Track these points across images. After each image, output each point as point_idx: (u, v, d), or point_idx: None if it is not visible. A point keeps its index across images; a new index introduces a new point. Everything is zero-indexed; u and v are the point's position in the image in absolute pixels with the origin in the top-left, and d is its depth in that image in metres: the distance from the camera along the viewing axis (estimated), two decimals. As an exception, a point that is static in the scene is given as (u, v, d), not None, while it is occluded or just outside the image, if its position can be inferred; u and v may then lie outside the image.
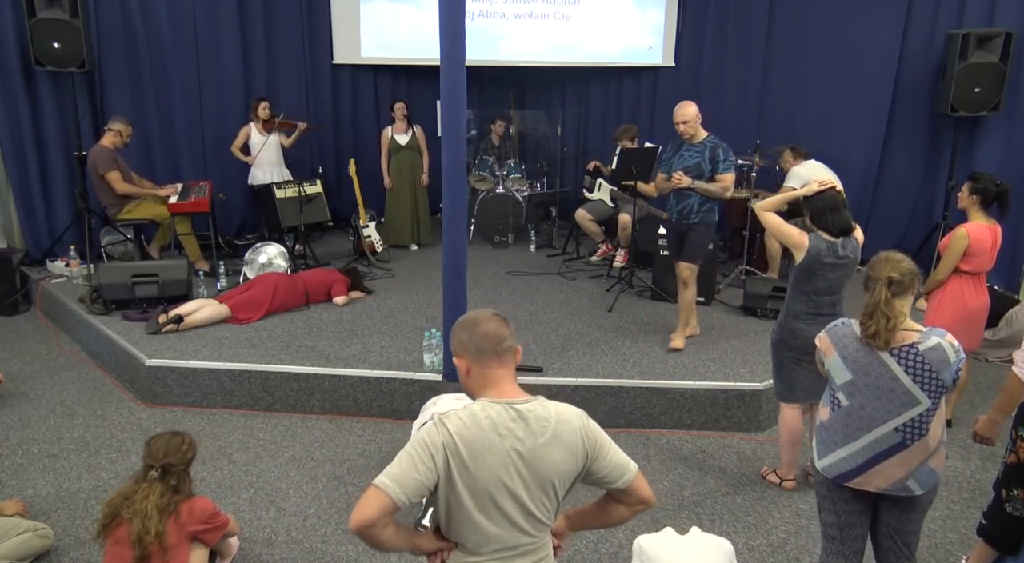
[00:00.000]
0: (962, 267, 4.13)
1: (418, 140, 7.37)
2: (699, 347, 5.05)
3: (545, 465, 1.83)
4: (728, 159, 4.73)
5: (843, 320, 2.62)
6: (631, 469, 1.94)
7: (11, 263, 6.24)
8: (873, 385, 2.48)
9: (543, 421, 1.84)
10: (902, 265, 2.48)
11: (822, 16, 7.14)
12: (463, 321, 1.93)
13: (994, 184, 4.04)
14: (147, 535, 2.72)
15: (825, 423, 2.64)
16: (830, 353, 2.58)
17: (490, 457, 1.78)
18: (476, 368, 1.89)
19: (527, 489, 1.82)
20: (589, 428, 1.91)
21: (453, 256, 4.19)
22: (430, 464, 1.75)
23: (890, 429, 2.49)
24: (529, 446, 1.81)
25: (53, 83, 6.45)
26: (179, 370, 4.64)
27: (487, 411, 1.82)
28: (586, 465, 1.89)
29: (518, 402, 1.86)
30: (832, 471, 2.60)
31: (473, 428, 1.79)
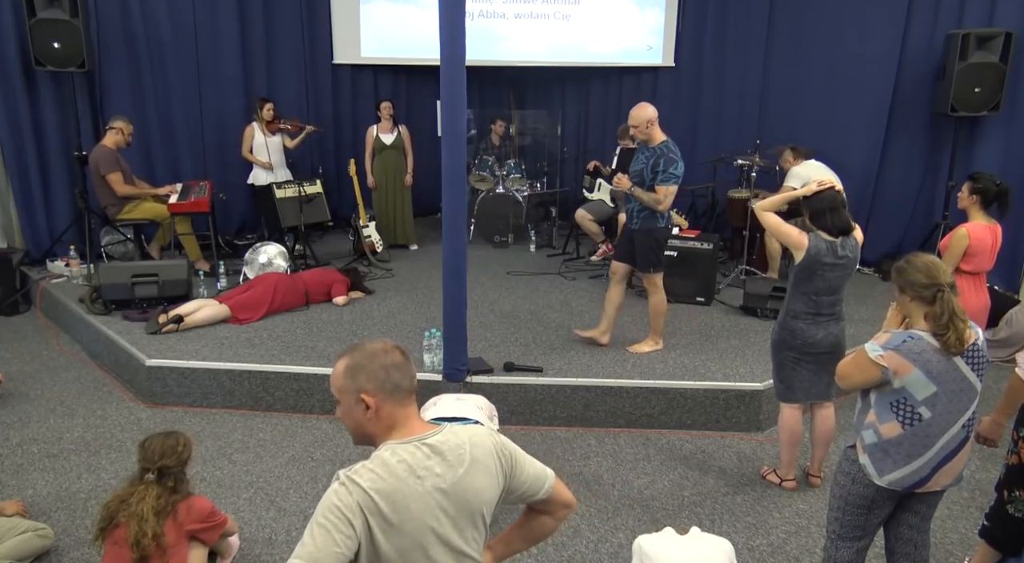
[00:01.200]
0: (962, 267, 4.13)
1: (403, 140, 7.36)
2: (699, 347, 5.05)
3: (469, 496, 1.69)
4: (668, 171, 4.44)
5: (907, 334, 2.49)
6: (549, 476, 1.86)
7: (11, 263, 6.24)
8: (951, 390, 2.47)
9: (458, 449, 1.70)
10: (944, 267, 2.51)
11: (822, 16, 7.13)
12: (369, 354, 1.72)
13: (994, 184, 4.04)
14: (144, 537, 2.71)
15: (893, 439, 2.53)
16: (907, 371, 2.45)
17: (413, 506, 1.62)
18: (388, 406, 1.70)
19: (456, 528, 1.69)
20: (503, 444, 1.80)
21: (453, 256, 4.19)
22: (348, 532, 1.55)
23: (959, 427, 2.50)
24: (450, 480, 1.67)
25: (53, 83, 6.45)
26: (179, 370, 4.64)
27: (399, 455, 1.65)
28: (506, 483, 1.77)
29: (427, 436, 1.70)
30: (904, 482, 2.55)
31: (389, 478, 1.61)
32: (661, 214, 4.60)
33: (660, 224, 4.65)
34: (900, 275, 2.54)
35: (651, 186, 4.52)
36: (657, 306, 4.84)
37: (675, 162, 4.48)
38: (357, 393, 1.70)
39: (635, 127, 4.58)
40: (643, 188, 4.55)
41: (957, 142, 6.59)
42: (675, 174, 4.48)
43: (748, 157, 6.66)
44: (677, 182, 4.49)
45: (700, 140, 7.93)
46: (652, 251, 4.69)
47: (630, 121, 4.60)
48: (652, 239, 4.66)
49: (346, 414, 1.74)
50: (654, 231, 4.65)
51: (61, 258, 6.42)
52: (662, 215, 4.61)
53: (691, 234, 6.02)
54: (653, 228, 4.64)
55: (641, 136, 4.60)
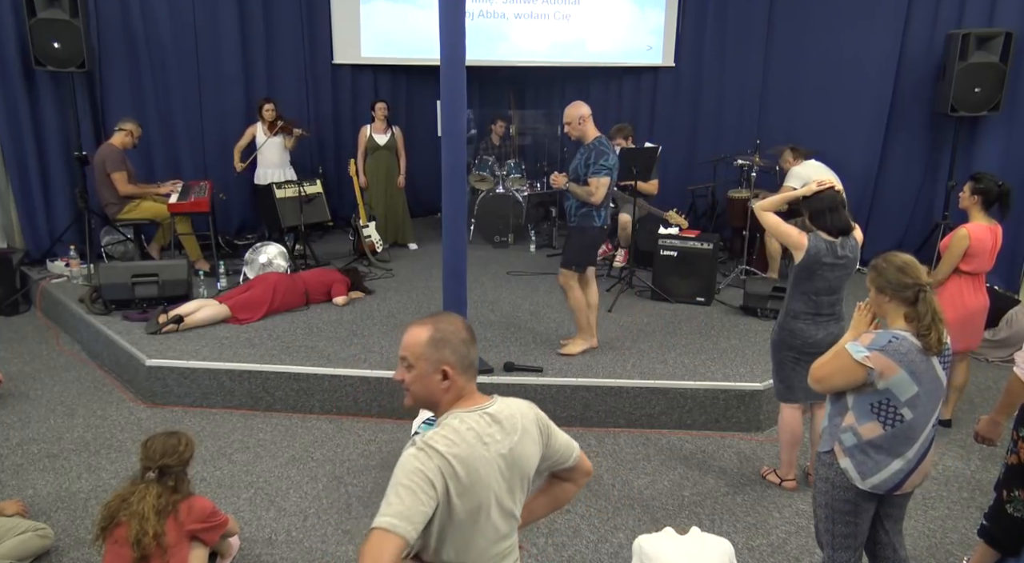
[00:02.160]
0: (962, 268, 4.13)
1: (396, 141, 7.37)
2: (699, 347, 5.05)
3: (522, 461, 1.84)
4: (599, 163, 4.45)
5: (893, 334, 2.45)
6: (576, 445, 2.02)
7: (11, 263, 6.24)
8: (929, 390, 2.47)
9: (512, 418, 1.85)
10: (921, 266, 2.49)
11: (822, 16, 7.14)
12: (452, 329, 1.84)
13: (996, 184, 4.04)
14: (145, 536, 2.72)
15: (873, 440, 2.50)
16: (893, 371, 2.41)
17: (482, 469, 1.75)
18: (461, 380, 1.83)
19: (509, 491, 1.83)
20: (540, 416, 1.95)
21: (453, 256, 4.19)
22: (431, 492, 1.66)
23: (931, 425, 2.51)
24: (508, 447, 1.81)
25: (53, 83, 6.45)
26: (179, 370, 4.64)
27: (466, 423, 1.78)
28: (543, 451, 1.92)
29: (486, 406, 1.84)
30: (884, 486, 2.53)
31: (462, 444, 1.73)
32: (598, 213, 4.62)
33: (596, 223, 4.65)
34: (880, 275, 2.51)
35: (584, 180, 4.56)
36: (577, 302, 4.80)
37: (605, 154, 4.51)
38: (439, 363, 1.81)
39: (568, 124, 4.62)
40: (578, 184, 4.59)
41: (957, 142, 6.59)
42: (605, 165, 4.50)
43: (748, 157, 6.66)
44: (608, 173, 4.51)
45: (700, 140, 7.94)
46: (583, 249, 4.70)
47: (564, 118, 4.64)
48: (586, 237, 4.68)
49: (417, 379, 1.83)
50: (588, 230, 4.66)
51: (61, 258, 6.42)
52: (598, 214, 4.63)
53: (691, 234, 6.02)
54: (588, 227, 4.65)
55: (575, 133, 4.63)
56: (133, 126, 6.21)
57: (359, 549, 1.61)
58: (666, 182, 7.05)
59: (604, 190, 4.52)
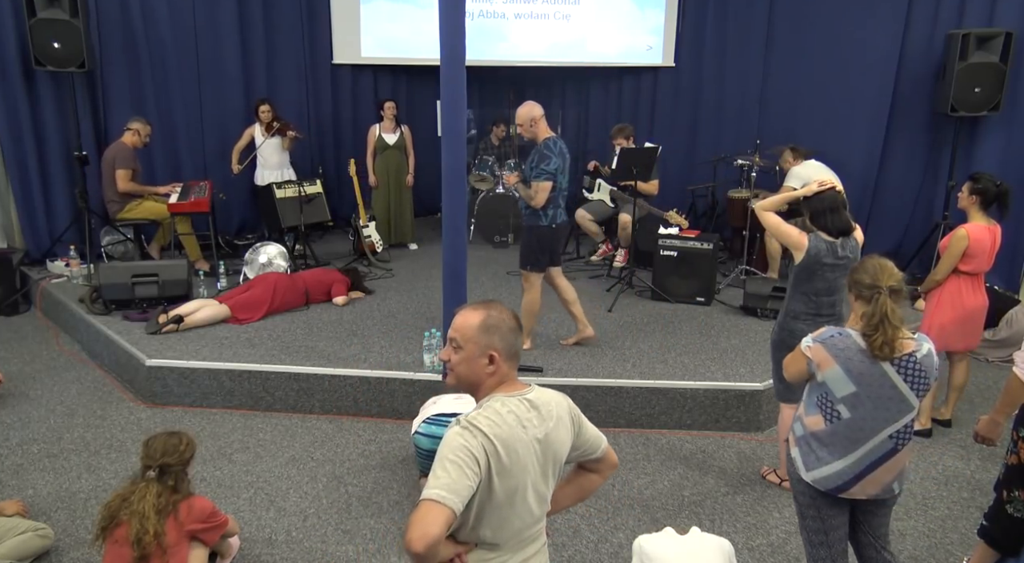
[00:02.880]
0: (961, 268, 4.13)
1: (405, 140, 7.37)
2: (699, 347, 5.05)
3: (556, 447, 1.91)
4: (540, 167, 4.48)
5: (837, 330, 2.55)
6: (602, 437, 2.09)
7: (11, 263, 6.25)
8: (875, 395, 2.46)
9: (548, 406, 1.92)
10: (896, 273, 2.49)
11: (822, 16, 7.13)
12: (502, 318, 1.92)
13: (994, 184, 4.04)
14: (145, 535, 2.72)
15: (818, 434, 2.56)
16: (828, 365, 2.50)
17: (522, 451, 1.82)
18: (504, 368, 1.91)
19: (543, 474, 1.90)
20: (572, 406, 2.02)
21: (453, 256, 4.19)
22: (476, 469, 1.73)
23: (885, 437, 2.49)
24: (544, 432, 1.88)
25: (53, 83, 6.45)
26: (179, 370, 4.64)
27: (507, 406, 1.85)
28: (573, 441, 1.99)
29: (526, 393, 1.92)
30: (826, 484, 2.56)
31: (504, 426, 1.81)
32: (544, 213, 4.62)
33: (542, 222, 4.65)
34: (851, 273, 2.56)
35: (528, 183, 4.59)
36: (528, 305, 4.81)
37: (548, 159, 4.51)
38: (487, 348, 1.88)
39: (520, 125, 4.64)
40: (526, 186, 4.62)
41: (957, 142, 6.59)
42: (546, 170, 4.50)
43: (748, 157, 6.66)
44: (549, 178, 4.52)
45: (700, 140, 7.93)
46: (531, 249, 4.71)
47: (516, 119, 4.67)
48: (533, 237, 4.69)
49: (464, 361, 1.89)
50: (535, 229, 4.67)
51: (61, 258, 6.42)
52: (545, 213, 4.62)
53: (691, 234, 6.02)
54: (535, 226, 4.67)
55: (527, 134, 4.65)
56: (140, 125, 6.25)
57: (409, 518, 1.65)
58: (666, 182, 7.05)
59: (545, 194, 4.52)
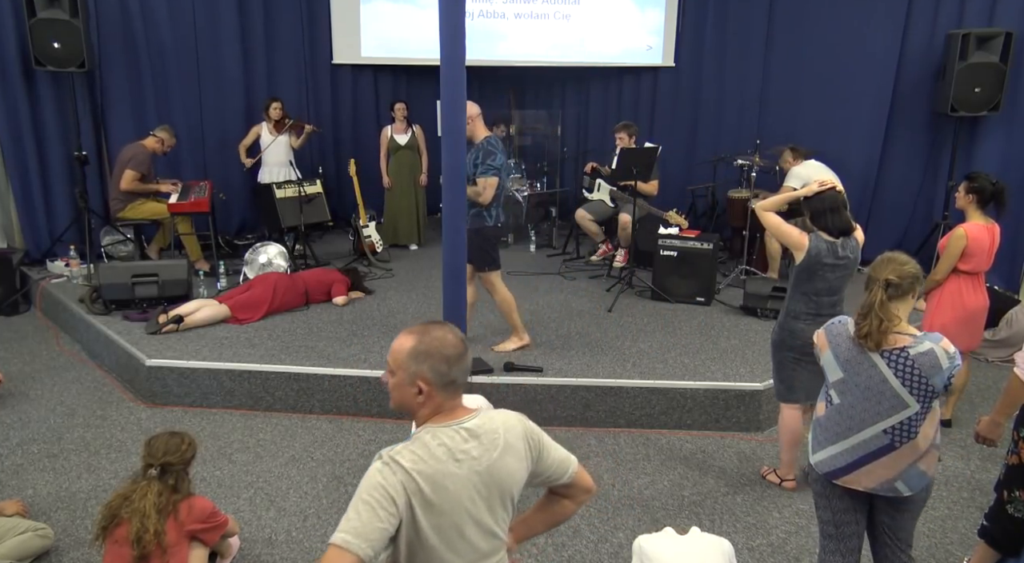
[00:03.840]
0: (960, 267, 4.13)
1: (417, 140, 7.39)
2: (699, 347, 5.05)
3: (503, 478, 1.78)
4: (486, 163, 4.48)
5: (841, 318, 2.64)
6: (572, 461, 1.95)
7: (11, 263, 6.24)
8: (863, 385, 2.49)
9: (493, 433, 1.78)
10: (904, 268, 2.46)
11: (822, 16, 7.14)
12: (438, 344, 1.75)
13: (990, 183, 4.03)
14: (146, 534, 2.72)
15: (820, 419, 2.67)
16: (824, 349, 2.62)
17: (452, 487, 1.70)
18: (439, 397, 1.76)
19: (489, 509, 1.77)
20: (531, 430, 1.88)
21: (453, 256, 4.19)
22: (392, 509, 1.62)
23: (879, 430, 2.49)
24: (486, 463, 1.75)
25: (53, 83, 6.45)
26: (179, 370, 4.64)
27: (439, 438, 1.73)
28: (532, 468, 1.86)
29: (466, 421, 1.78)
30: (823, 467, 2.63)
31: (430, 460, 1.69)
32: (489, 213, 4.63)
33: (488, 223, 4.66)
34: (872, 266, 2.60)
35: (474, 180, 4.58)
36: (503, 304, 4.82)
37: (493, 154, 4.54)
38: (415, 377, 1.75)
39: None
40: (469, 184, 4.59)
41: (957, 142, 6.59)
42: (493, 165, 4.52)
43: (748, 157, 6.66)
44: (496, 173, 4.53)
45: (700, 140, 7.93)
46: (484, 250, 4.70)
47: None
48: (482, 238, 4.67)
49: (396, 387, 1.79)
50: (483, 230, 4.66)
51: (61, 258, 6.42)
52: (490, 213, 4.64)
53: (691, 234, 6.02)
54: (482, 227, 4.66)
55: (465, 133, 4.62)
56: (167, 135, 6.35)
57: None
58: (666, 182, 7.05)
59: (492, 190, 4.53)
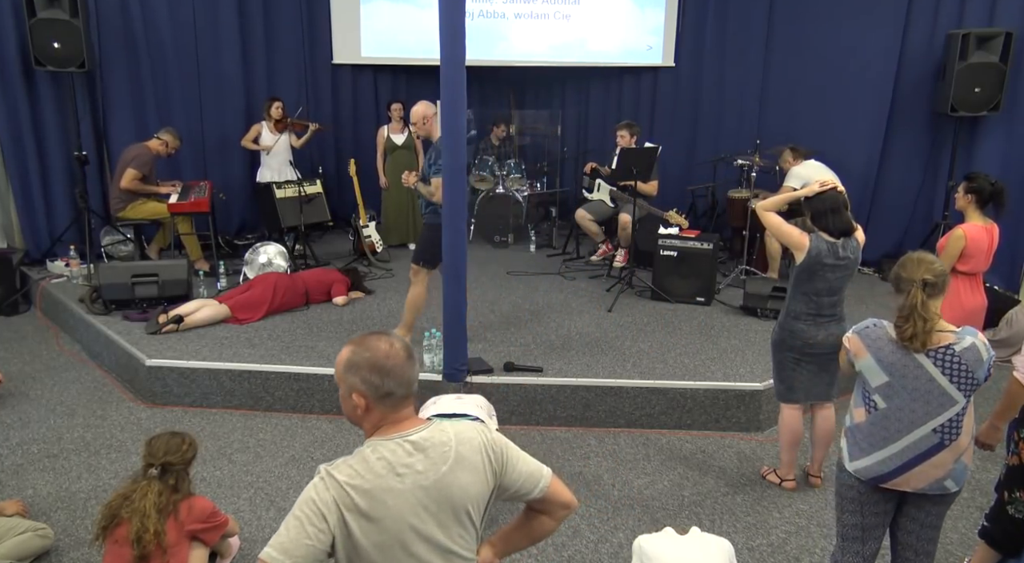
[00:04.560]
0: (959, 268, 4.11)
1: (414, 140, 7.38)
2: (699, 347, 5.05)
3: (454, 493, 1.68)
4: (439, 163, 4.43)
5: (874, 321, 2.58)
6: (545, 475, 1.83)
7: (11, 263, 6.25)
8: (911, 387, 2.47)
9: (442, 446, 1.70)
10: (935, 266, 2.49)
11: (822, 16, 7.13)
12: (371, 354, 1.67)
13: (989, 184, 4.02)
14: (146, 533, 2.72)
15: (860, 425, 2.59)
16: (863, 355, 2.55)
17: (392, 502, 1.63)
18: (378, 411, 1.69)
19: (440, 525, 1.68)
20: (493, 441, 1.77)
21: (453, 256, 4.19)
22: (322, 525, 1.58)
23: (928, 430, 2.48)
24: (433, 478, 1.66)
25: (53, 83, 6.45)
26: (179, 370, 4.64)
27: (379, 452, 1.66)
28: (497, 481, 1.77)
29: (411, 433, 1.69)
30: (868, 473, 2.57)
31: (368, 474, 1.62)
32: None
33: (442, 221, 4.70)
34: (896, 266, 2.59)
35: (430, 179, 4.61)
36: (414, 299, 4.86)
37: None
38: (351, 389, 1.69)
39: (414, 124, 4.67)
40: (425, 184, 4.64)
41: (957, 142, 6.59)
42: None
43: (748, 157, 6.66)
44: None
45: (700, 140, 7.93)
46: (429, 245, 4.72)
47: (411, 118, 4.69)
48: (434, 234, 4.67)
49: (341, 400, 1.74)
50: (436, 227, 4.65)
51: (61, 258, 6.42)
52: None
53: (691, 234, 6.02)
54: (437, 223, 4.64)
55: (422, 132, 4.70)
56: (170, 138, 6.36)
57: None
58: (666, 182, 7.05)
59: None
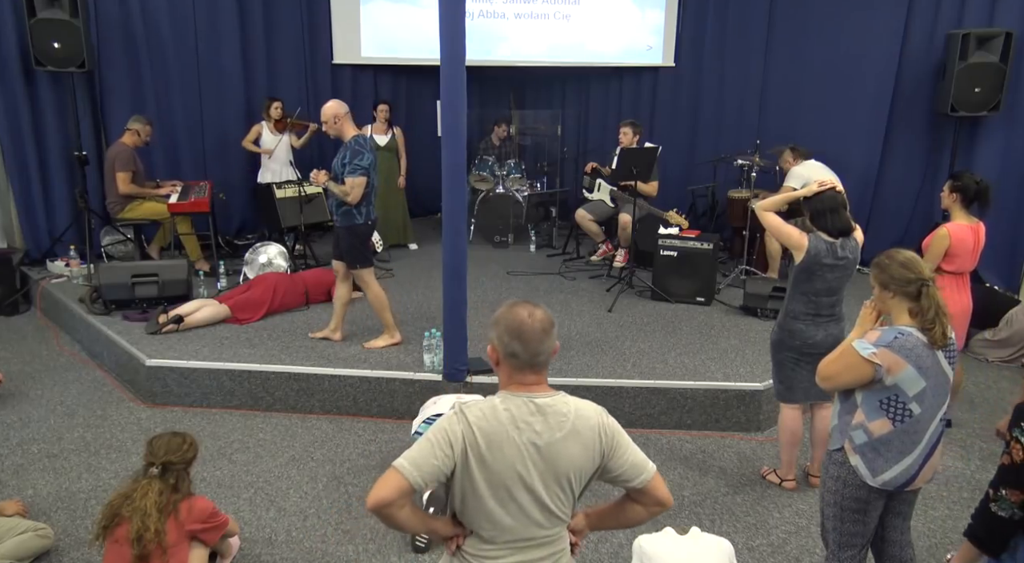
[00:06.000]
0: (944, 267, 4.08)
1: (397, 142, 7.37)
2: (699, 347, 5.05)
3: (561, 459, 1.85)
4: (354, 163, 4.51)
5: (899, 330, 2.47)
6: (648, 469, 1.98)
7: (11, 263, 6.24)
8: (935, 384, 2.49)
9: (562, 416, 1.87)
10: (923, 262, 2.54)
11: (822, 16, 7.14)
12: (511, 320, 1.87)
13: (975, 182, 3.99)
14: (146, 532, 2.72)
15: (884, 437, 2.51)
16: (900, 367, 2.44)
17: (507, 449, 1.82)
18: (506, 367, 1.90)
19: (543, 482, 1.85)
20: (607, 425, 1.95)
21: (453, 256, 4.19)
22: (448, 452, 1.79)
23: (937, 420, 2.53)
24: (547, 440, 1.84)
25: (53, 83, 6.45)
26: (179, 370, 4.64)
27: (507, 404, 1.85)
28: (603, 462, 1.92)
29: (538, 396, 1.88)
30: (897, 481, 2.54)
31: (492, 420, 1.83)
32: (358, 210, 4.65)
33: (358, 220, 4.68)
34: (884, 271, 2.53)
35: (342, 179, 4.60)
36: (375, 301, 4.87)
37: (360, 154, 4.53)
38: (490, 341, 1.92)
39: (325, 123, 4.66)
40: (337, 183, 4.63)
41: (957, 142, 6.59)
42: (360, 165, 4.53)
43: (748, 157, 6.66)
44: (364, 173, 4.55)
45: (700, 140, 7.93)
46: (354, 248, 4.74)
47: (321, 117, 4.67)
48: (352, 235, 4.71)
49: (489, 356, 1.95)
50: (353, 228, 4.70)
51: (61, 258, 6.43)
52: (359, 211, 4.66)
53: (691, 234, 6.01)
54: (351, 225, 4.69)
55: (332, 132, 4.67)
56: (140, 125, 6.25)
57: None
58: (666, 182, 7.05)
59: (360, 189, 4.55)
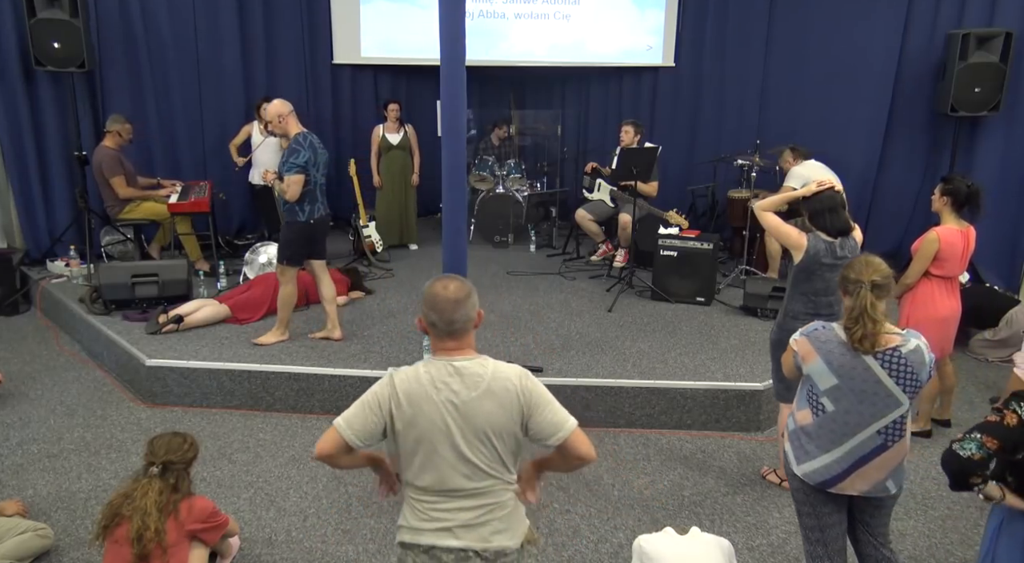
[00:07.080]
0: (933, 271, 4.03)
1: (410, 140, 7.37)
2: (699, 347, 5.05)
3: (478, 416, 2.08)
4: (290, 161, 4.55)
5: (821, 324, 2.63)
6: (566, 427, 2.13)
7: (11, 263, 6.24)
8: (858, 389, 2.49)
9: (477, 377, 2.10)
10: (883, 268, 2.52)
11: (822, 16, 7.13)
12: (428, 294, 2.12)
13: (966, 186, 3.93)
14: (147, 531, 2.73)
15: (806, 427, 2.62)
16: (811, 358, 2.58)
17: (426, 407, 2.07)
18: (432, 336, 2.16)
19: (464, 437, 2.08)
20: (527, 387, 2.13)
21: (453, 256, 4.19)
22: (378, 412, 2.09)
23: (873, 432, 2.51)
24: (463, 398, 2.08)
25: (53, 83, 6.45)
26: (179, 370, 4.64)
27: (428, 368, 2.12)
28: (523, 421, 2.12)
29: (457, 359, 2.12)
30: (815, 477, 2.60)
31: (414, 382, 2.10)
32: (301, 208, 4.69)
33: (300, 218, 4.73)
34: (840, 272, 2.62)
35: (282, 177, 4.66)
36: (285, 298, 4.93)
37: (297, 152, 4.58)
38: (420, 314, 2.17)
39: (270, 121, 4.72)
40: (282, 180, 4.68)
41: (957, 142, 6.59)
42: (296, 163, 4.56)
43: (748, 157, 6.66)
44: (300, 171, 4.58)
45: (700, 140, 7.93)
46: (288, 244, 4.81)
47: (267, 116, 4.74)
48: (291, 231, 4.77)
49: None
50: (292, 224, 4.76)
51: (61, 258, 6.43)
52: (303, 209, 4.70)
53: (691, 234, 6.02)
54: (292, 222, 4.75)
55: (278, 131, 4.73)
56: (120, 126, 6.14)
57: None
58: (666, 182, 7.04)
59: (297, 187, 4.59)
